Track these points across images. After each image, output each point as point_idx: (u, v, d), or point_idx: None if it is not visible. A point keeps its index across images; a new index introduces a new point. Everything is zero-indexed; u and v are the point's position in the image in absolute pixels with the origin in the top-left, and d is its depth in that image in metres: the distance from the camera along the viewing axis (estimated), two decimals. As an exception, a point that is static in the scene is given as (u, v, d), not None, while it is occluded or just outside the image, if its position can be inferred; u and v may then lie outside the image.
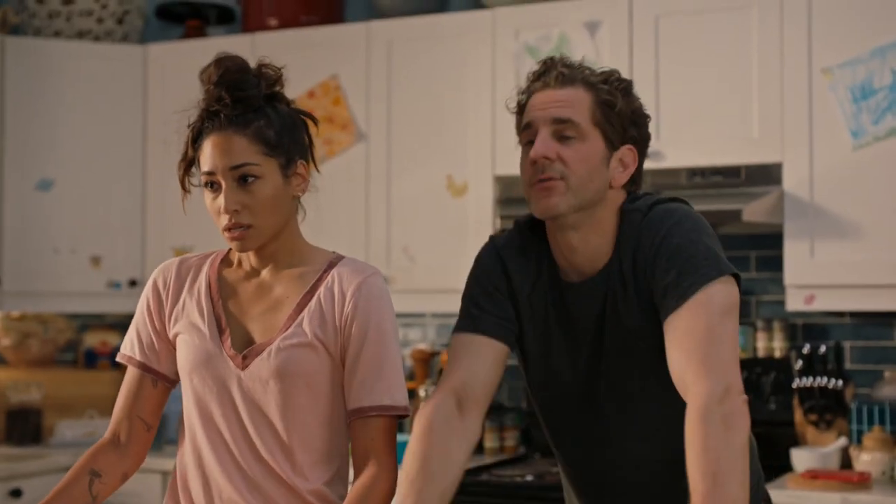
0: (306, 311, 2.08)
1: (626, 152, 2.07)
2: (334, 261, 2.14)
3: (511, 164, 4.01)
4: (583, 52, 3.91)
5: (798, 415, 3.79)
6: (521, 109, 2.11)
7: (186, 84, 4.48)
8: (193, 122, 2.11)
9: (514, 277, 2.15)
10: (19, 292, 4.48)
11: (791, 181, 3.65)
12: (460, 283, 4.20)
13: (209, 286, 2.15)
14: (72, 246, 4.54)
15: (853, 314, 3.93)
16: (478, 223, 4.05)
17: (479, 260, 2.21)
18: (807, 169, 3.63)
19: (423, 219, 4.15)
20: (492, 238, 2.23)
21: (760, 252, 4.05)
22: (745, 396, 1.87)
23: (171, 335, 2.16)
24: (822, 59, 3.63)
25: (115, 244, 4.59)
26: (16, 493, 4.00)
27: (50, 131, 4.52)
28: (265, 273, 2.14)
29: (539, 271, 2.14)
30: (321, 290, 2.09)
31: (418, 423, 2.01)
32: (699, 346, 1.89)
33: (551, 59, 2.10)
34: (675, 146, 3.79)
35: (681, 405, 1.90)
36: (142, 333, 2.19)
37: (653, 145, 3.77)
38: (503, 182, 4.04)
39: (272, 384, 2.06)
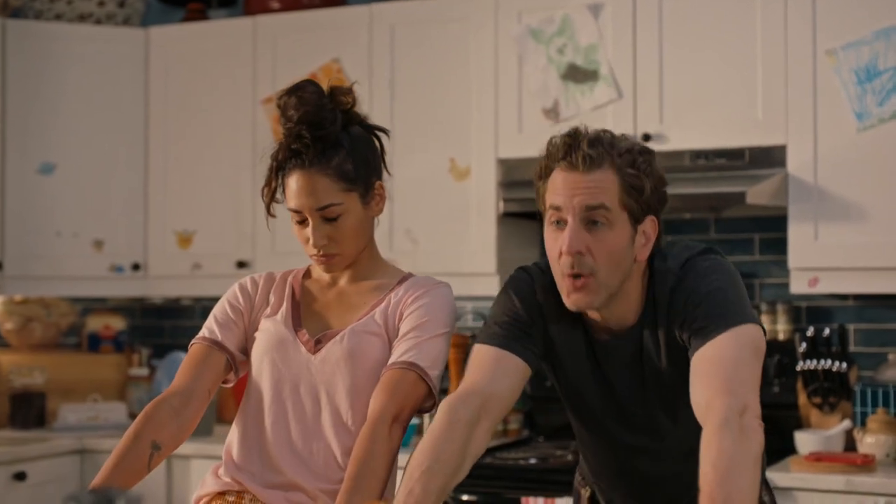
0: (378, 309, 2.23)
1: (649, 224, 2.09)
2: (407, 276, 2.31)
3: (514, 147, 4.01)
4: (586, 34, 3.90)
5: (802, 397, 3.79)
6: (542, 174, 2.11)
7: (188, 67, 4.52)
8: (275, 153, 2.22)
9: (551, 324, 2.17)
10: (22, 276, 4.48)
11: (795, 163, 3.64)
12: (463, 266, 4.20)
13: (293, 291, 2.31)
14: (74, 230, 4.53)
15: (857, 297, 3.92)
16: (480, 206, 4.05)
17: (515, 293, 2.20)
18: (811, 151, 3.62)
19: (426, 202, 4.15)
20: (528, 272, 2.22)
21: (764, 235, 4.04)
22: (761, 421, 1.90)
23: (250, 330, 2.29)
24: (826, 41, 3.61)
25: (118, 228, 4.58)
26: (20, 476, 4.01)
27: (51, 115, 4.51)
28: (343, 283, 2.30)
29: (574, 322, 2.17)
30: (392, 295, 2.25)
31: (441, 415, 2.02)
32: (721, 371, 1.94)
33: (575, 135, 2.07)
34: (678, 129, 3.78)
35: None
36: (222, 320, 2.30)
37: (657, 128, 3.81)
38: (506, 165, 4.03)
39: (342, 365, 2.18)
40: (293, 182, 2.20)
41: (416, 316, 2.20)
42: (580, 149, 2.03)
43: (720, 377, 1.92)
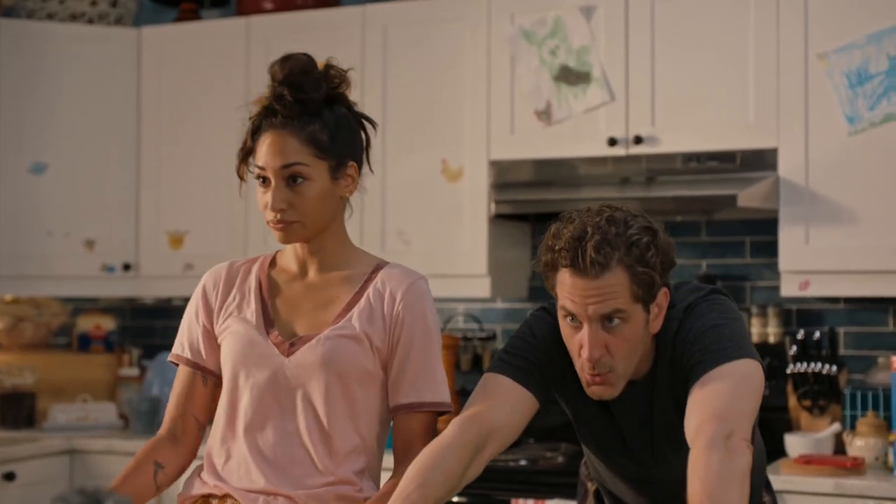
0: (356, 308, 2.17)
1: (661, 296, 2.08)
2: (380, 265, 2.23)
3: (506, 148, 4.01)
4: (579, 36, 3.90)
5: (792, 400, 3.80)
6: (548, 265, 2.07)
7: (180, 67, 4.52)
8: (254, 115, 2.18)
9: (567, 369, 2.16)
10: (13, 276, 4.47)
11: (786, 167, 3.64)
12: (455, 267, 4.20)
13: (259, 285, 2.23)
14: (65, 229, 4.52)
15: (848, 300, 3.93)
16: (473, 208, 4.05)
17: (538, 332, 2.19)
18: (802, 154, 3.63)
19: (418, 203, 4.14)
20: (550, 314, 2.19)
21: (755, 238, 4.05)
22: (750, 446, 1.90)
23: (218, 332, 2.23)
24: (818, 45, 3.62)
25: (109, 228, 4.57)
26: (9, 477, 4.00)
27: (44, 114, 4.50)
28: (312, 274, 2.22)
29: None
30: (370, 290, 2.18)
31: (450, 430, 2.04)
32: (712, 400, 1.95)
33: (580, 238, 2.01)
34: (670, 131, 3.78)
35: None
36: (192, 334, 2.27)
37: (648, 130, 3.81)
38: (498, 167, 4.03)
39: (318, 371, 2.12)
40: (263, 141, 2.14)
41: (418, 343, 2.16)
42: (587, 255, 1.99)
43: (712, 404, 1.94)
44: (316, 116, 2.15)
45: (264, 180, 2.15)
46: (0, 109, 4.44)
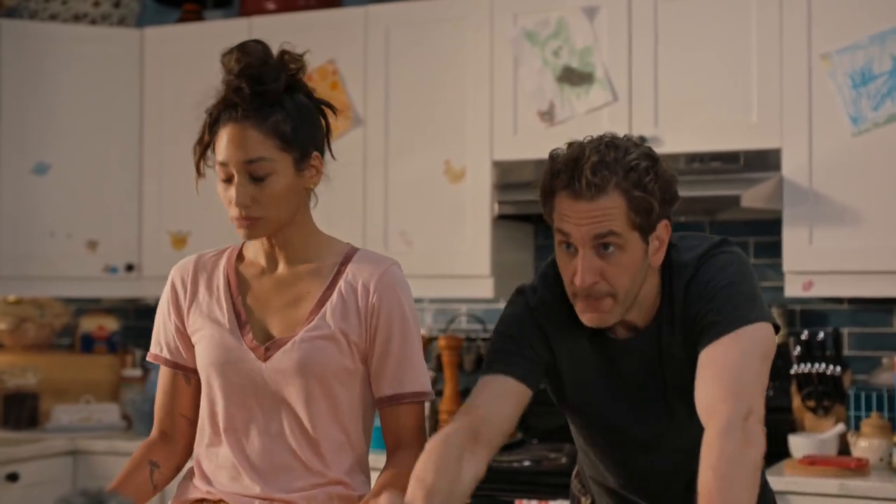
0: (328, 304, 2.12)
1: (661, 229, 2.03)
2: (350, 253, 2.17)
3: (509, 149, 4.01)
4: (582, 37, 3.90)
5: (796, 401, 3.79)
6: (546, 191, 2.04)
7: (183, 68, 4.51)
8: (211, 108, 2.12)
9: (554, 336, 2.13)
10: (15, 276, 4.47)
11: (790, 167, 3.64)
12: (457, 268, 4.20)
13: (228, 282, 2.19)
14: (68, 230, 4.52)
15: (852, 300, 3.92)
16: (475, 208, 4.04)
17: (511, 319, 2.16)
18: (806, 155, 3.62)
19: (421, 204, 4.14)
20: (522, 294, 2.18)
21: (759, 238, 4.04)
22: (764, 426, 1.89)
23: (190, 331, 2.19)
24: (821, 45, 3.62)
25: (112, 228, 4.57)
26: (12, 478, 4.00)
27: (46, 115, 4.50)
28: (282, 268, 2.17)
29: (577, 330, 2.11)
30: (341, 283, 2.13)
31: (431, 443, 1.99)
32: (727, 374, 1.92)
33: (577, 159, 1.99)
34: (673, 132, 3.78)
35: None
36: (166, 332, 2.24)
37: (652, 131, 3.80)
38: (501, 167, 4.02)
39: (295, 375, 2.09)
40: (224, 134, 2.07)
41: (396, 333, 2.12)
42: (583, 176, 1.96)
43: (725, 379, 1.91)
44: (277, 107, 2.07)
45: (227, 178, 2.09)
46: (3, 110, 4.44)
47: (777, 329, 2.04)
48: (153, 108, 4.58)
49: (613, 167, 1.97)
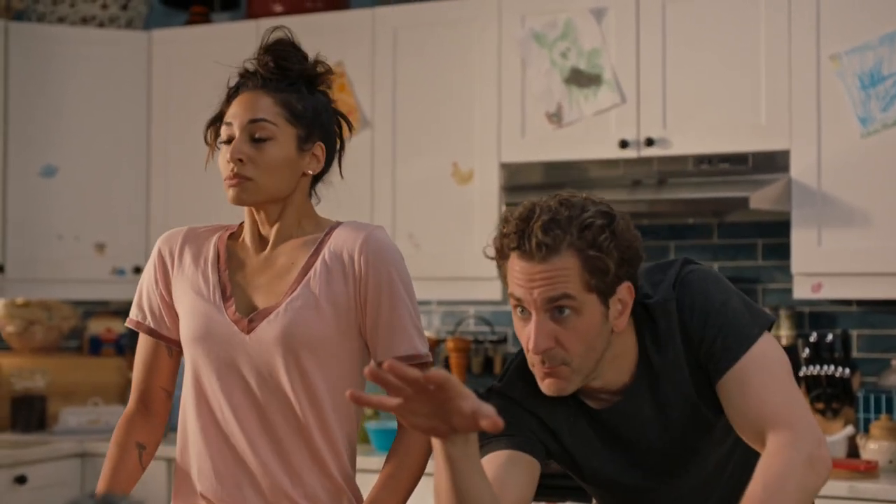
0: (312, 272, 2.09)
1: (624, 291, 1.89)
2: (335, 226, 2.15)
3: (516, 151, 4.01)
4: (589, 38, 3.89)
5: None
6: (499, 252, 1.91)
7: (190, 70, 4.52)
8: (233, 83, 2.15)
9: (548, 419, 2.02)
10: (23, 279, 4.48)
11: (798, 168, 3.63)
12: (465, 270, 4.19)
13: (217, 256, 2.16)
14: (76, 233, 4.53)
15: (860, 302, 3.91)
16: (483, 211, 4.04)
17: (505, 418, 1.94)
18: (814, 156, 3.61)
19: (429, 206, 4.14)
20: (501, 394, 2.03)
21: (767, 240, 4.03)
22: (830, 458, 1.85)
23: (175, 302, 2.16)
24: (830, 46, 3.61)
25: (120, 231, 4.57)
26: (21, 480, 4.00)
27: (54, 118, 4.51)
28: (270, 248, 2.14)
29: (568, 407, 2.01)
30: (325, 251, 2.10)
31: None
32: (773, 395, 1.86)
33: (527, 218, 1.86)
34: (682, 133, 3.77)
35: (734, 445, 1.97)
36: (151, 300, 2.19)
37: (660, 132, 3.80)
38: (509, 169, 4.02)
39: (279, 346, 2.05)
40: (237, 101, 2.10)
41: (386, 297, 2.07)
42: (534, 235, 1.83)
43: (774, 404, 1.85)
44: (294, 88, 2.11)
45: (229, 140, 2.08)
46: (11, 113, 4.45)
47: (773, 321, 1.98)
48: (161, 111, 4.58)
49: (566, 226, 1.84)
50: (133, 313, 2.22)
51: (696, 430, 2.00)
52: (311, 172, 2.13)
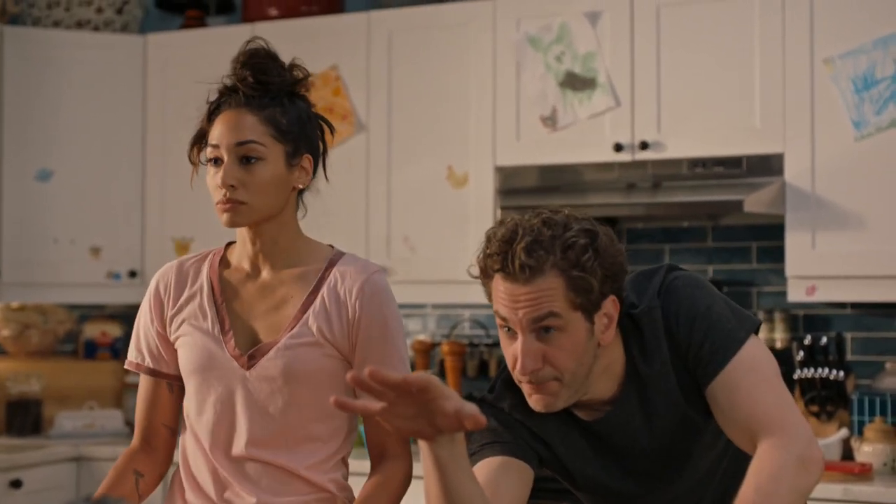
0: (311, 310, 2.09)
1: (609, 305, 1.89)
2: (334, 258, 2.14)
3: (511, 155, 4.01)
4: (584, 42, 3.90)
5: (799, 406, 3.79)
6: (483, 272, 1.91)
7: (186, 74, 4.52)
8: (213, 100, 2.12)
9: (540, 430, 2.02)
10: (19, 283, 4.48)
11: (793, 172, 3.64)
12: (461, 274, 4.17)
13: (211, 287, 2.15)
14: (71, 236, 4.53)
15: (855, 305, 3.92)
16: (478, 214, 4.04)
17: (496, 427, 2.01)
18: (808, 159, 3.62)
19: (424, 209, 4.14)
20: (492, 405, 2.03)
21: (762, 243, 4.04)
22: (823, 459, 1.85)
23: (172, 338, 2.16)
24: (824, 50, 3.62)
25: (115, 235, 4.57)
26: (16, 484, 4.00)
27: (49, 122, 4.51)
28: (265, 273, 2.14)
29: (559, 419, 2.02)
30: (324, 289, 2.10)
31: None
32: (763, 397, 1.87)
33: (510, 241, 1.85)
34: (676, 136, 3.78)
35: (725, 449, 1.97)
36: (148, 339, 2.20)
37: (654, 136, 3.80)
38: (504, 173, 4.03)
39: (279, 383, 2.07)
40: (220, 120, 2.07)
41: (375, 341, 2.08)
42: (517, 257, 1.83)
43: (761, 410, 1.86)
44: (276, 101, 2.08)
45: (216, 161, 2.06)
46: (6, 116, 4.45)
47: (759, 324, 1.98)
48: (156, 115, 4.58)
49: (549, 247, 1.84)
50: (131, 355, 2.22)
51: (686, 436, 2.01)
52: (300, 186, 2.13)
